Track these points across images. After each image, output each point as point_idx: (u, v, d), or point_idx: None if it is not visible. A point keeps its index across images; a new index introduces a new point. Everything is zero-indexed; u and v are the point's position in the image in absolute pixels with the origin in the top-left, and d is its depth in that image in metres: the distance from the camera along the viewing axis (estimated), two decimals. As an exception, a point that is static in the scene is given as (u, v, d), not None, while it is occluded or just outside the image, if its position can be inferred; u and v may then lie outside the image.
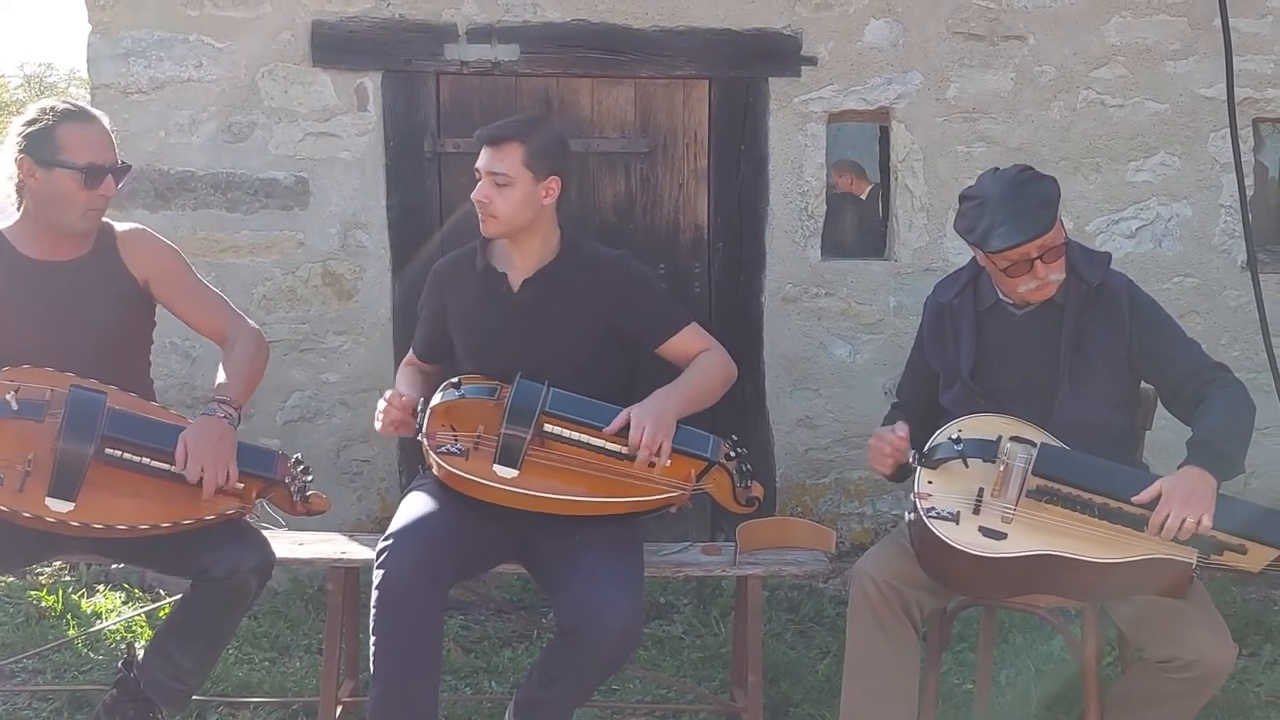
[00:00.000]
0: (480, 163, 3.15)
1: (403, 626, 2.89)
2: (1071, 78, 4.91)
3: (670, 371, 3.21)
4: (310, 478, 3.13)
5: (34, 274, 3.06)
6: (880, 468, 3.05)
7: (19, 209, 3.09)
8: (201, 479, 2.88)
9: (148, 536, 2.92)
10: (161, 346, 3.36)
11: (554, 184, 3.15)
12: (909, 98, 4.88)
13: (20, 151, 3.01)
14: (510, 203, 3.11)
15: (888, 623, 2.94)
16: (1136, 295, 3.05)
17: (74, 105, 3.08)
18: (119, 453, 2.89)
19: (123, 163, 3.09)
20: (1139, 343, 3.00)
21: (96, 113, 3.10)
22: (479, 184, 3.14)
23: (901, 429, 3.01)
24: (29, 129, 3.01)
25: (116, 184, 3.07)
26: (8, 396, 2.87)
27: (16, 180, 3.04)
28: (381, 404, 3.15)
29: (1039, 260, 2.95)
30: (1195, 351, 3.04)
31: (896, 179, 4.95)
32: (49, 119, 3.01)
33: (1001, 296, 3.09)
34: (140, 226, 3.27)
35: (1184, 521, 2.69)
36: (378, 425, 3.16)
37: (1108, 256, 3.09)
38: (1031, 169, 3.04)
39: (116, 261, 3.15)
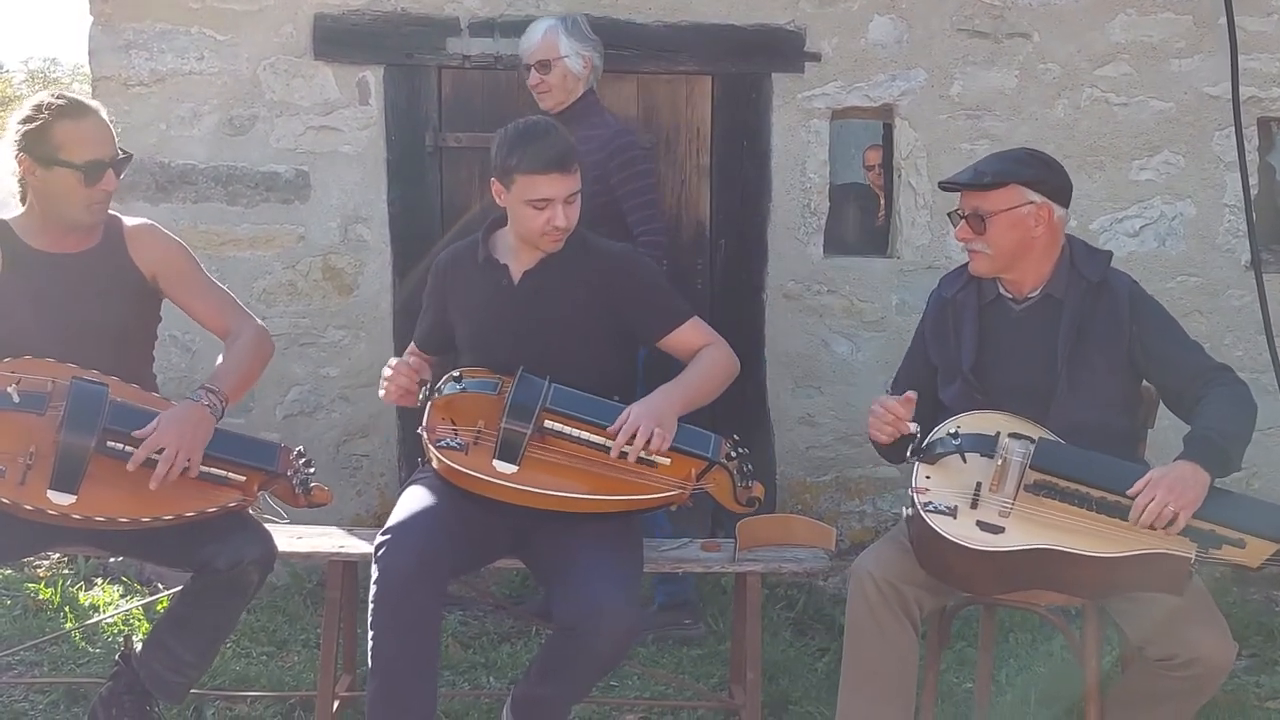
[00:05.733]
0: (550, 191, 3.06)
1: (401, 621, 2.88)
2: (1076, 75, 4.89)
3: (673, 365, 3.20)
4: (313, 470, 3.12)
5: (40, 265, 3.06)
6: (879, 436, 3.00)
7: (22, 202, 3.09)
8: (163, 468, 2.85)
9: (149, 529, 2.91)
10: (161, 339, 3.35)
11: None
12: (913, 95, 4.85)
13: (19, 150, 3.00)
14: (577, 215, 3.15)
15: (886, 621, 2.92)
16: (1138, 295, 3.03)
17: (69, 99, 3.04)
18: (120, 445, 2.88)
19: (123, 152, 3.08)
20: (1140, 343, 2.98)
21: (93, 104, 3.08)
22: (552, 210, 3.08)
23: (906, 396, 2.97)
24: (25, 127, 2.99)
25: (117, 177, 3.06)
26: (9, 389, 2.86)
27: (19, 175, 3.04)
28: (387, 371, 3.17)
29: (966, 219, 2.96)
30: (1198, 353, 3.02)
31: (900, 176, 4.93)
32: (44, 117, 2.98)
33: (1002, 291, 3.08)
34: (149, 222, 3.27)
35: (1164, 509, 2.68)
36: (382, 394, 3.17)
37: (1108, 255, 3.10)
38: (1040, 153, 3.12)
39: (124, 256, 3.14)
